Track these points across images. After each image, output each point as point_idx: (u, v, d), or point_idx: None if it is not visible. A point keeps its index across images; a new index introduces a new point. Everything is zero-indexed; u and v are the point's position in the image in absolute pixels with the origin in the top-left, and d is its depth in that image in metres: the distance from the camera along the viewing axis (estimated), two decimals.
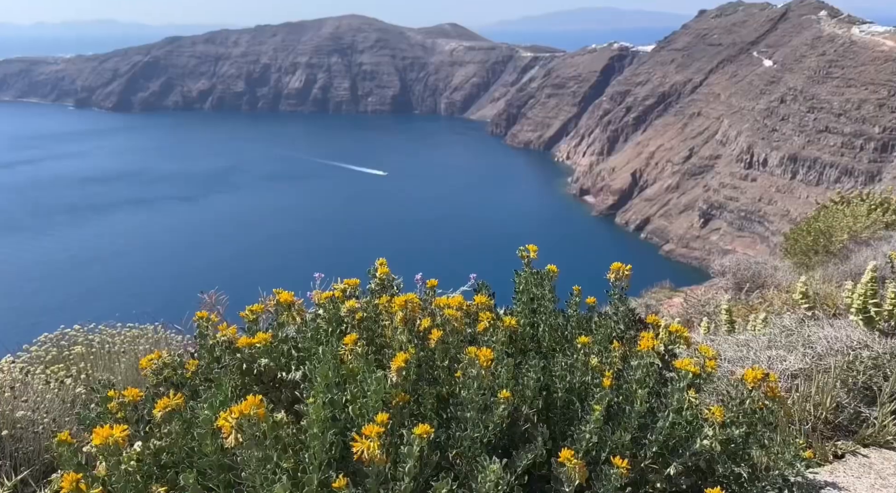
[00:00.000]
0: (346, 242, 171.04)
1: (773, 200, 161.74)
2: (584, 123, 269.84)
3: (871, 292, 5.53)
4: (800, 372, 5.14)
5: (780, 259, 16.27)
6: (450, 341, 3.96)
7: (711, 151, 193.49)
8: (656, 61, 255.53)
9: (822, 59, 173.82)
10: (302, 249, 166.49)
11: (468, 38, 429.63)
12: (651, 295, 18.46)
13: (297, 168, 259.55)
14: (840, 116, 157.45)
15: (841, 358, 5.05)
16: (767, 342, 5.64)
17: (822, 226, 14.69)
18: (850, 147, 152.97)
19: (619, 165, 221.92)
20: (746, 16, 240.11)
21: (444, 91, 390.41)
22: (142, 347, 8.30)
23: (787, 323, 6.05)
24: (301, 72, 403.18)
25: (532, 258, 4.78)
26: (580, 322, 4.52)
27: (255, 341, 3.57)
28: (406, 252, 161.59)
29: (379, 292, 5.20)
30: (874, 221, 15.12)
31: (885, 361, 4.93)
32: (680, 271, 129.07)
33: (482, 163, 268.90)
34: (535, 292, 4.62)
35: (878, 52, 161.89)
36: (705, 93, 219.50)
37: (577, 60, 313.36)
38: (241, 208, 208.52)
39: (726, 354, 5.71)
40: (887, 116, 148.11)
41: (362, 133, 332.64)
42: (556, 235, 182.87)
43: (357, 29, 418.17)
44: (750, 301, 11.40)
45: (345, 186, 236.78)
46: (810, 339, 5.44)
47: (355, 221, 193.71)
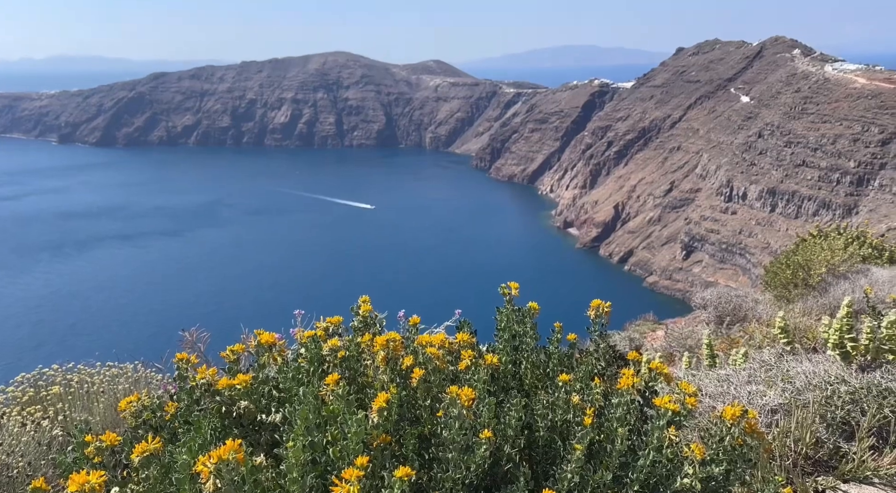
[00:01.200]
0: (334, 276, 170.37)
1: (754, 233, 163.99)
2: (566, 157, 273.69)
3: (846, 327, 5.62)
4: (780, 407, 5.18)
5: (760, 292, 16.45)
6: (432, 380, 3.97)
7: (692, 184, 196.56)
8: (636, 97, 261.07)
9: (798, 96, 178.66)
10: (289, 283, 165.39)
11: (452, 74, 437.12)
12: (635, 328, 18.52)
13: (284, 202, 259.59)
14: (816, 150, 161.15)
15: (819, 393, 5.11)
16: (748, 377, 5.69)
17: (801, 259, 14.92)
18: (826, 181, 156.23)
19: (602, 198, 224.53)
20: (723, 53, 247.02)
21: (429, 126, 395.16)
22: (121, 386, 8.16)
23: (767, 358, 6.12)
24: (287, 107, 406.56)
25: (514, 295, 4.83)
26: (561, 359, 4.55)
27: (236, 383, 3.55)
28: (393, 286, 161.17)
29: (362, 330, 5.21)
30: (851, 254, 15.39)
31: (863, 396, 5.00)
32: (664, 303, 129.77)
33: (467, 196, 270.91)
34: (517, 329, 4.65)
35: (851, 89, 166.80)
36: (684, 128, 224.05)
37: (558, 96, 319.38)
38: (227, 243, 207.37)
39: (707, 389, 5.74)
40: (862, 150, 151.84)
41: (348, 167, 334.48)
42: (541, 268, 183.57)
43: (343, 65, 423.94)
44: (731, 335, 11.49)
45: (332, 219, 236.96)
46: (789, 374, 5.50)
47: (343, 255, 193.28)
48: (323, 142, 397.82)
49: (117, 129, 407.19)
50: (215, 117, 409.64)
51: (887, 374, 5.25)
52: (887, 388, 5.02)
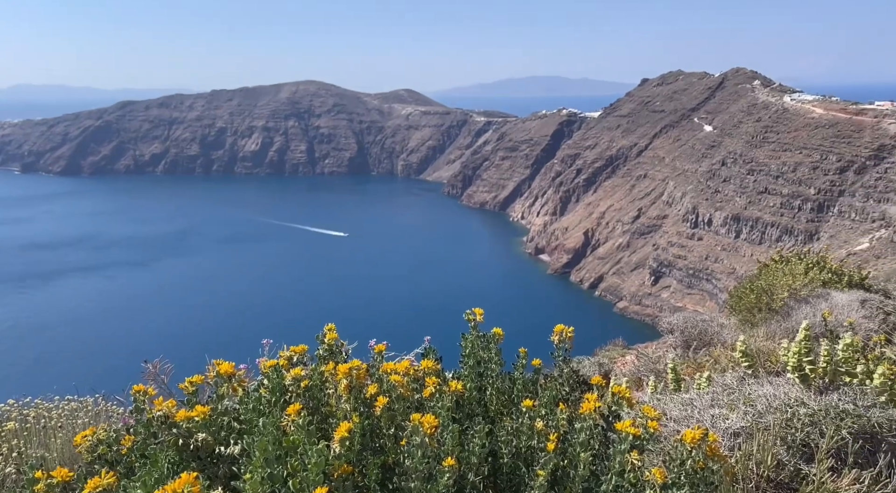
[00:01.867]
0: (306, 304, 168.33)
1: (720, 259, 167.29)
2: (537, 185, 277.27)
3: (805, 350, 5.74)
4: (742, 430, 5.25)
5: (726, 317, 16.72)
6: (396, 408, 3.94)
7: (659, 211, 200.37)
8: (603, 126, 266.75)
9: (759, 125, 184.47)
10: (259, 312, 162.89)
11: (423, 103, 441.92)
12: (605, 353, 18.62)
13: (255, 230, 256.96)
14: (778, 178, 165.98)
15: (780, 416, 5.20)
16: (711, 401, 5.77)
17: (764, 284, 15.24)
18: (788, 207, 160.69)
19: (572, 225, 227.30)
20: (686, 84, 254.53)
21: (401, 153, 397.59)
22: (80, 421, 7.92)
23: (729, 381, 6.22)
24: (257, 135, 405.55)
25: (479, 321, 4.84)
26: (526, 385, 4.56)
27: (194, 415, 3.48)
28: (366, 313, 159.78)
29: (327, 359, 5.16)
30: (812, 279, 15.78)
31: (821, 418, 5.09)
32: (634, 328, 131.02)
33: (440, 223, 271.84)
34: (482, 356, 4.66)
35: (810, 119, 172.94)
36: (650, 156, 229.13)
37: (528, 125, 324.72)
38: (196, 272, 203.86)
39: (672, 413, 5.79)
40: (821, 178, 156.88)
41: (320, 195, 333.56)
42: (513, 294, 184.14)
43: (314, 94, 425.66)
44: (697, 359, 11.63)
45: (305, 247, 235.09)
46: (751, 397, 5.59)
47: (315, 283, 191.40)
48: (294, 169, 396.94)
49: (83, 157, 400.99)
50: (184, 146, 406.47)
51: (844, 396, 5.37)
52: (844, 410, 5.13)
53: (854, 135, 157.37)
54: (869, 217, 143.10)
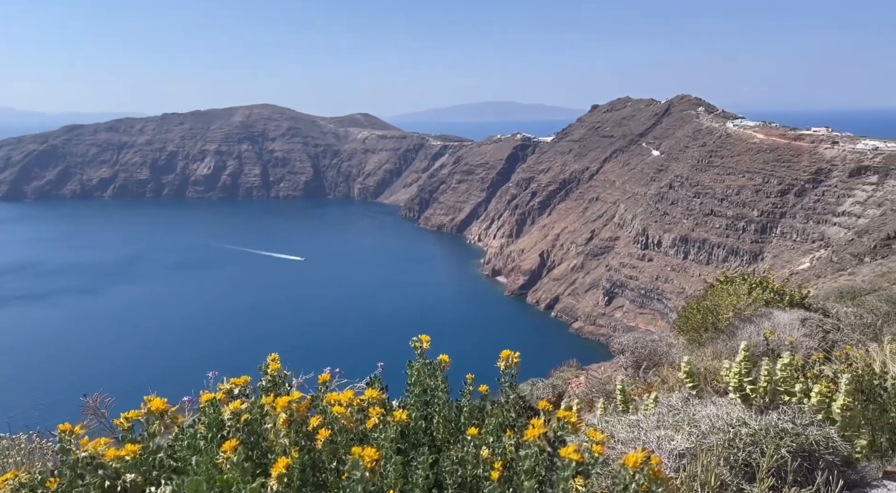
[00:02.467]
0: (261, 332, 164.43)
1: (669, 279, 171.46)
2: (493, 207, 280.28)
3: (745, 370, 5.88)
4: (686, 451, 5.32)
5: (674, 336, 17.06)
6: (339, 441, 3.85)
7: (611, 233, 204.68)
8: (556, 150, 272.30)
9: (704, 150, 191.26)
10: (212, 340, 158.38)
11: (380, 127, 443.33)
12: (559, 375, 18.74)
13: (208, 256, 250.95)
14: (723, 200, 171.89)
15: (722, 436, 5.29)
16: (656, 422, 5.84)
17: (710, 304, 15.62)
18: (733, 229, 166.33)
19: (528, 247, 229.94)
20: (634, 110, 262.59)
21: (358, 177, 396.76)
22: (11, 460, 7.50)
23: (674, 402, 6.31)
24: (210, 159, 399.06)
25: (425, 349, 4.81)
26: (472, 412, 4.53)
27: (123, 454, 3.31)
28: (323, 339, 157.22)
29: (271, 390, 5.02)
30: (755, 299, 16.26)
31: (762, 437, 5.20)
32: (589, 349, 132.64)
33: (397, 246, 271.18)
34: (429, 383, 4.62)
35: (751, 144, 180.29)
36: (602, 179, 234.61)
37: (484, 149, 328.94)
38: (146, 299, 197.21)
39: (619, 435, 5.83)
40: (763, 200, 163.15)
41: (276, 219, 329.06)
42: (470, 317, 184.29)
43: (268, 117, 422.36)
44: (647, 379, 11.82)
45: (260, 272, 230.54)
46: (695, 418, 5.68)
47: (271, 309, 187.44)
48: (248, 194, 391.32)
49: (26, 182, 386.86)
50: (134, 170, 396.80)
51: (783, 415, 5.50)
52: (783, 429, 5.25)
53: (793, 159, 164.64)
54: (809, 238, 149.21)
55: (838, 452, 5.38)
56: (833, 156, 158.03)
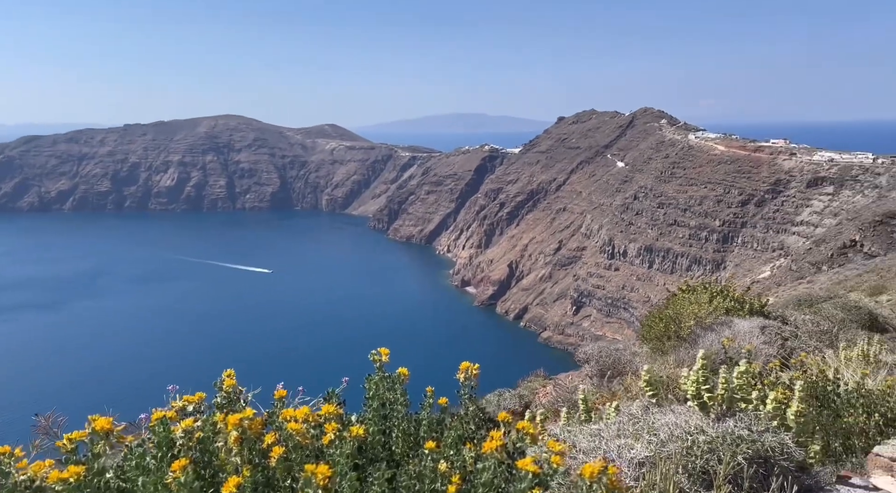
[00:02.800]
0: (228, 346, 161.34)
1: (635, 288, 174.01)
2: (462, 218, 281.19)
3: (703, 378, 5.96)
4: (646, 460, 5.36)
5: (639, 345, 17.26)
6: (293, 458, 3.77)
7: (578, 243, 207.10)
8: (524, 162, 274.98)
9: (667, 161, 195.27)
10: (176, 354, 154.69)
11: (348, 138, 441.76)
12: (526, 385, 18.78)
13: (172, 269, 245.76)
14: (686, 210, 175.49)
15: (681, 444, 5.34)
16: (617, 431, 5.87)
17: (672, 313, 15.86)
18: (696, 239, 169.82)
19: (497, 257, 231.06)
20: (599, 122, 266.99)
21: (326, 188, 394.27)
22: None
23: (635, 411, 6.36)
24: (173, 170, 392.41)
25: (384, 362, 4.76)
26: (431, 425, 4.49)
27: (66, 476, 3.19)
28: (291, 351, 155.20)
29: (226, 407, 4.91)
30: (716, 307, 16.57)
31: (719, 444, 5.27)
32: (557, 358, 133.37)
33: (366, 257, 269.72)
34: (388, 397, 4.57)
35: (713, 155, 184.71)
36: (569, 190, 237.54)
37: (452, 160, 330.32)
38: (108, 314, 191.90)
39: (581, 444, 5.84)
40: (725, 210, 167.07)
41: (242, 230, 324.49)
42: (440, 327, 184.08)
43: (234, 128, 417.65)
44: (611, 388, 11.92)
45: (226, 285, 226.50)
46: (654, 426, 5.72)
47: (238, 322, 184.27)
48: (213, 205, 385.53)
49: None
50: (94, 182, 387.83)
51: (740, 422, 5.58)
52: (740, 436, 5.33)
53: (753, 170, 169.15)
54: (769, 247, 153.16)
55: (793, 457, 5.47)
56: (791, 167, 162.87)
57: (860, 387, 7.47)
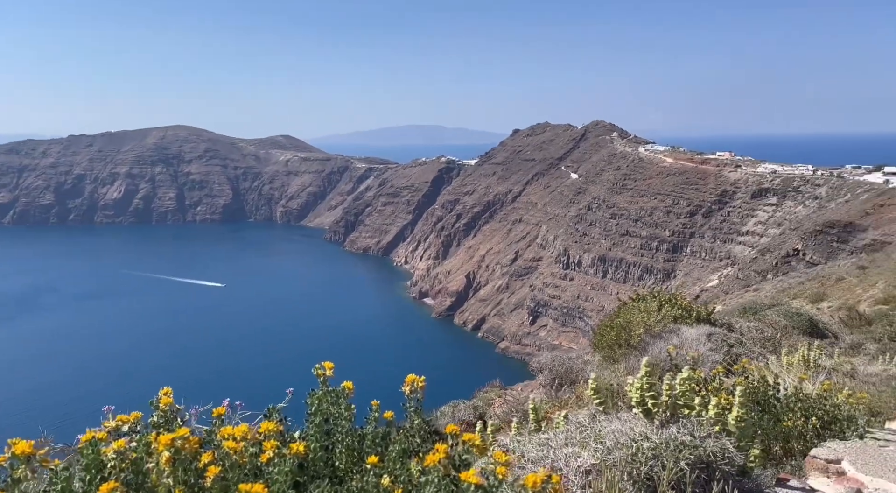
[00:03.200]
0: (179, 363, 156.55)
1: (590, 297, 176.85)
2: (419, 229, 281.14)
3: (647, 386, 6.06)
4: (592, 468, 5.40)
5: (591, 354, 17.49)
6: (230, 478, 3.66)
7: (534, 253, 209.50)
8: (480, 173, 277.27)
9: (618, 173, 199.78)
10: (123, 373, 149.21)
11: (303, 149, 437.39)
12: (482, 396, 18.80)
13: (120, 284, 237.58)
14: (637, 221, 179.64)
15: (626, 451, 5.40)
16: (565, 440, 5.90)
17: (622, 321, 16.14)
18: (647, 248, 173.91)
19: (454, 268, 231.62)
20: (553, 135, 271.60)
21: (280, 199, 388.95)
22: None
23: (582, 419, 6.42)
24: (121, 182, 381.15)
25: (328, 376, 4.67)
26: (375, 440, 4.43)
27: None
28: (245, 367, 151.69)
29: (164, 427, 4.74)
30: (664, 315, 16.93)
31: (662, 451, 5.35)
32: (515, 368, 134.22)
33: (322, 270, 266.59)
34: (332, 412, 4.48)
35: (662, 167, 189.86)
36: (524, 202, 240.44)
37: (409, 172, 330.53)
38: (51, 332, 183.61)
39: (529, 454, 5.86)
40: (674, 221, 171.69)
41: (193, 244, 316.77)
42: (398, 339, 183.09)
43: (184, 139, 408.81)
44: (564, 397, 12.03)
45: (177, 300, 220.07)
46: (601, 434, 5.78)
47: (191, 337, 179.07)
48: (162, 218, 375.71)
49: None
50: (36, 194, 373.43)
51: (683, 428, 5.68)
52: (682, 442, 5.42)
53: (700, 182, 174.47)
54: (717, 256, 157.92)
55: (734, 462, 5.60)
56: (737, 178, 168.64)
57: (798, 392, 7.72)
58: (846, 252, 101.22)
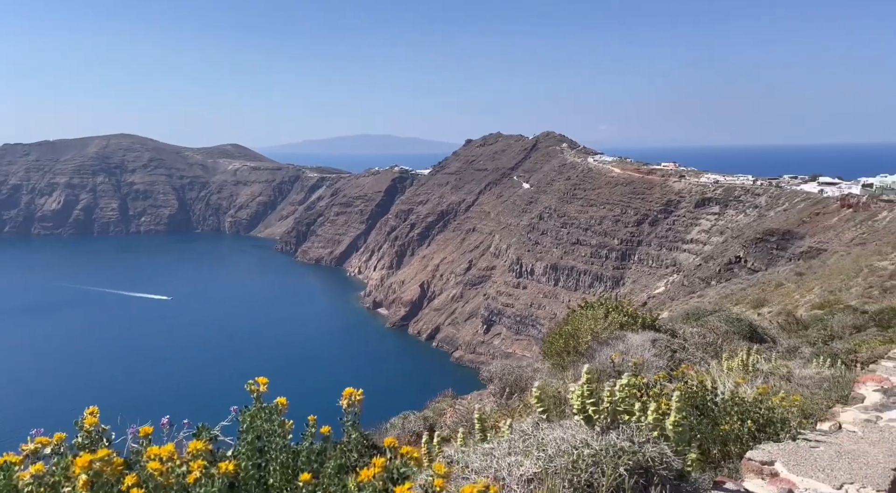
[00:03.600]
0: (123, 381, 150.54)
1: (542, 305, 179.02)
2: (372, 239, 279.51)
3: (587, 393, 6.12)
4: (535, 476, 5.41)
5: (541, 362, 17.64)
6: None
7: (487, 262, 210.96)
8: (434, 183, 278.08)
9: (568, 183, 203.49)
10: (61, 391, 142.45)
11: (252, 158, 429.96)
12: (434, 406, 18.73)
13: (60, 297, 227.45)
14: (587, 230, 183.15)
15: (567, 458, 5.43)
16: (508, 449, 5.90)
17: (570, 329, 16.35)
18: (597, 256, 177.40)
19: (408, 278, 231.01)
20: (505, 145, 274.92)
21: (229, 210, 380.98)
22: None
23: (525, 427, 6.44)
24: (60, 192, 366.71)
25: (262, 391, 4.55)
26: (310, 456, 4.33)
27: None
28: (194, 382, 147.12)
29: (89, 448, 4.53)
30: (611, 322, 17.23)
31: (602, 457, 5.41)
32: (469, 377, 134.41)
33: (274, 281, 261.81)
34: (265, 428, 4.37)
35: (610, 178, 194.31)
36: (478, 211, 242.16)
37: (362, 181, 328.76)
38: None
39: (473, 464, 5.83)
40: (622, 229, 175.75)
41: (137, 255, 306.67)
42: (352, 351, 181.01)
43: (128, 148, 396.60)
44: (513, 405, 12.08)
45: (121, 314, 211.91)
46: (543, 442, 5.80)
47: (135, 353, 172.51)
48: (104, 229, 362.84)
49: None
50: None
51: (622, 434, 5.75)
52: (622, 448, 5.49)
53: (646, 192, 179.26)
54: (663, 263, 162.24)
55: (672, 466, 5.69)
56: (681, 188, 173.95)
57: (734, 395, 7.94)
58: (785, 259, 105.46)
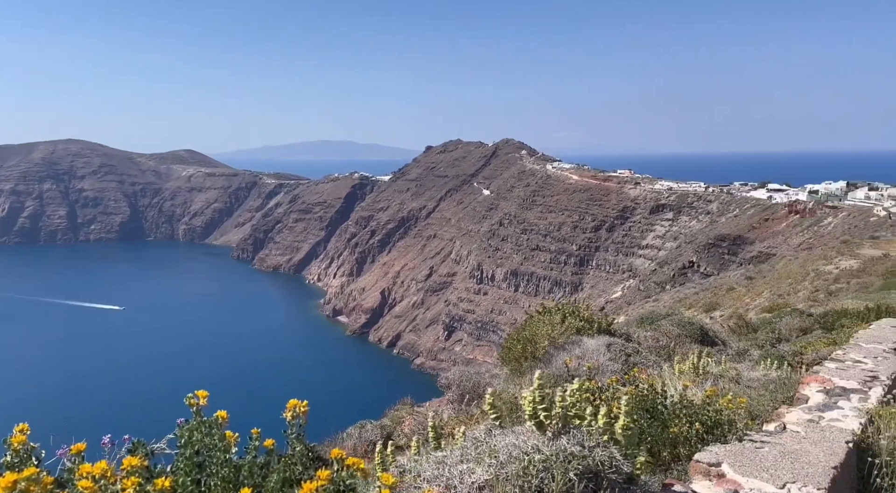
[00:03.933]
0: (70, 391, 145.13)
1: (503, 311, 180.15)
2: (332, 246, 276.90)
3: (539, 398, 6.13)
4: (486, 483, 5.38)
5: (499, 367, 17.68)
6: None
7: (448, 268, 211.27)
8: (394, 189, 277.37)
9: (528, 190, 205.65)
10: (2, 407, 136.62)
11: (207, 164, 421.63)
12: (392, 414, 18.56)
13: (3, 309, 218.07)
14: (546, 236, 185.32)
15: (518, 465, 5.42)
16: (460, 456, 5.86)
17: (528, 334, 16.44)
18: (556, 262, 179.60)
19: (369, 285, 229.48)
20: (465, 152, 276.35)
21: (183, 217, 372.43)
22: None
23: (478, 434, 6.41)
24: (4, 199, 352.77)
25: (202, 405, 4.40)
26: (252, 470, 4.21)
27: None
28: (147, 396, 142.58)
29: (18, 467, 4.31)
30: (567, 327, 17.38)
31: (553, 462, 5.41)
32: (430, 384, 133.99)
33: (230, 289, 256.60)
34: (205, 443, 4.22)
35: (568, 184, 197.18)
36: (438, 217, 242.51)
37: (321, 188, 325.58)
38: None
39: (425, 473, 5.77)
40: (581, 236, 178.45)
41: (87, 264, 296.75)
42: (311, 359, 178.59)
43: (76, 154, 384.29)
44: (470, 412, 12.05)
45: (70, 325, 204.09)
46: (495, 448, 5.78)
47: (84, 365, 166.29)
48: (51, 237, 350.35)
49: None
50: None
51: (573, 439, 5.77)
52: (572, 452, 5.50)
53: (603, 198, 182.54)
54: (620, 269, 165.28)
55: (621, 470, 5.73)
56: (636, 195, 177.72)
57: (683, 398, 8.08)
58: (736, 264, 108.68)
